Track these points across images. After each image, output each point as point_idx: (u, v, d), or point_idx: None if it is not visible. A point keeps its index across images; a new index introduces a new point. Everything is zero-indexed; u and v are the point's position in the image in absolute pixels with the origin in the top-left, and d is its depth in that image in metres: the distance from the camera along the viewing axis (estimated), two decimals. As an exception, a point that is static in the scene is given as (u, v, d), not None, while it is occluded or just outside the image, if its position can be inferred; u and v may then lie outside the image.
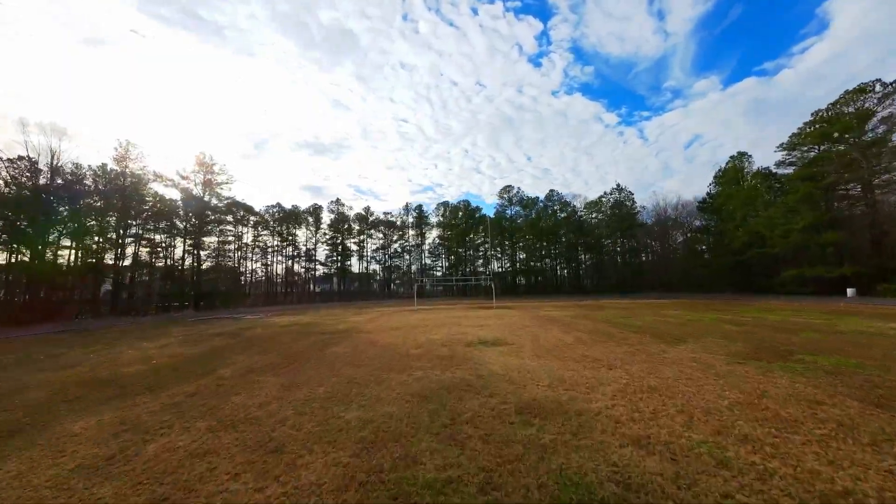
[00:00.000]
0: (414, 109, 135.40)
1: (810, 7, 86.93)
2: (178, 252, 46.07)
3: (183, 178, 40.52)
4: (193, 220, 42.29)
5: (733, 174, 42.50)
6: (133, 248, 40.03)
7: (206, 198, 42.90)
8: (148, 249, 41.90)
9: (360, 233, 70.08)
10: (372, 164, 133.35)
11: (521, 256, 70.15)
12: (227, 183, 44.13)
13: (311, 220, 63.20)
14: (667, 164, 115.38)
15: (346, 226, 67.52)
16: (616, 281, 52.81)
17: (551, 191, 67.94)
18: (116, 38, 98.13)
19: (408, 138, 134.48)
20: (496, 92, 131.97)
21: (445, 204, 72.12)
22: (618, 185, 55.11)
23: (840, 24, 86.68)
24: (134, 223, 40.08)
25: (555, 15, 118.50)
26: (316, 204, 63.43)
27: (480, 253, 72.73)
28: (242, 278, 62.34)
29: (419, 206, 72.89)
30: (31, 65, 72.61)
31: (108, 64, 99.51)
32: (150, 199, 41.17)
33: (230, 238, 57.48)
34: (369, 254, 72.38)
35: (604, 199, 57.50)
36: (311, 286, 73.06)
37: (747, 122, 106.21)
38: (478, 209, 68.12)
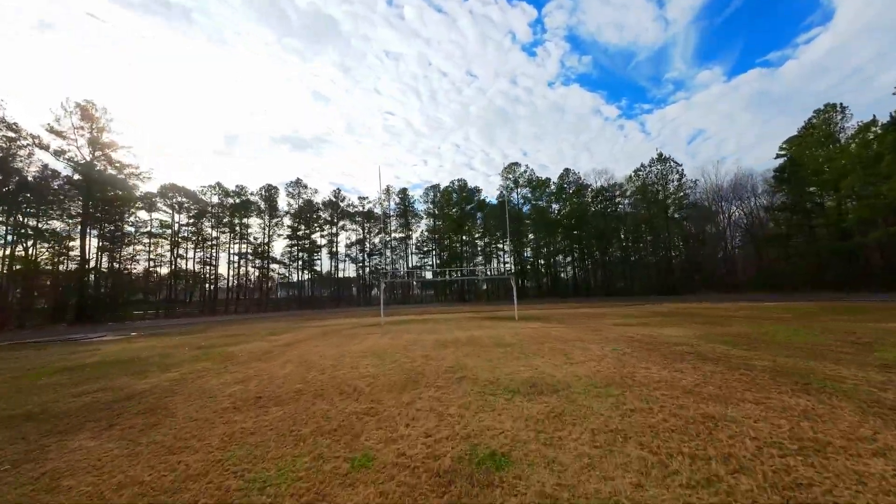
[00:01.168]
0: (401, 102, 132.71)
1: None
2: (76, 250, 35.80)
3: (56, 133, 30.27)
4: (80, 197, 32.13)
5: (824, 132, 33.91)
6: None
7: (98, 166, 32.75)
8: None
9: (330, 223, 60.26)
10: (356, 160, 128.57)
11: (527, 253, 61.08)
12: (127, 148, 34.06)
13: (263, 205, 53.04)
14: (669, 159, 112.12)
15: (312, 214, 57.60)
16: (657, 279, 43.89)
17: (566, 170, 59.14)
18: (70, 21, 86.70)
19: (395, 132, 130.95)
20: (488, 83, 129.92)
21: (436, 188, 62.74)
22: (660, 155, 46.23)
23: (843, 13, 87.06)
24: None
25: (549, 1, 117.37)
26: (269, 184, 53.31)
27: (479, 248, 63.52)
28: (173, 281, 51.93)
29: (403, 191, 63.48)
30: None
31: (60, 51, 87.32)
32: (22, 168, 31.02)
33: (155, 229, 47.25)
34: (343, 250, 62.62)
35: (641, 174, 48.38)
36: (271, 290, 62.93)
37: (751, 116, 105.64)
38: (476, 191, 58.67)
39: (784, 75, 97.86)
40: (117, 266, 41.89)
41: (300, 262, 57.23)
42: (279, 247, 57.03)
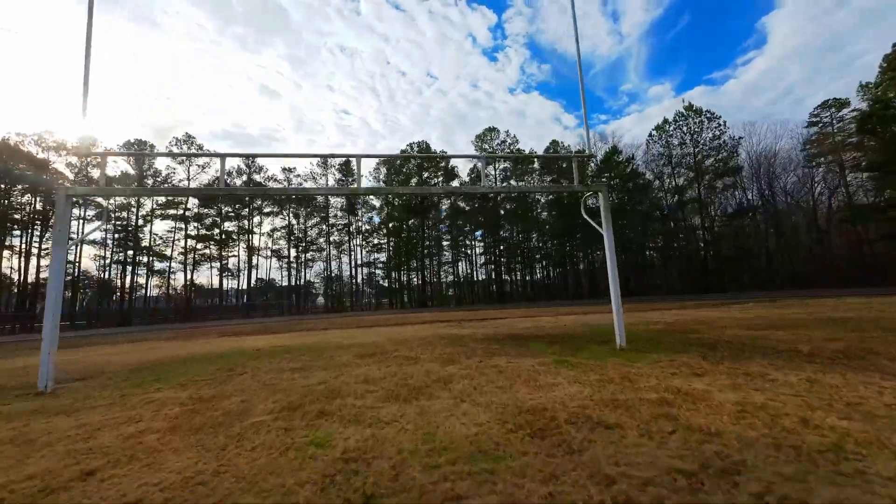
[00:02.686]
0: (357, 100, 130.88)
1: (751, 20, 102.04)
2: None
3: None
4: None
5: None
6: None
7: None
8: None
9: (244, 204, 45.87)
10: (308, 160, 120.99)
11: (502, 248, 50.06)
12: None
13: (131, 171, 37.86)
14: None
15: (212, 185, 42.88)
16: (691, 272, 34.25)
17: (553, 142, 49.70)
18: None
19: (350, 133, 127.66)
20: (449, 85, 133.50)
21: (389, 162, 50.27)
22: (689, 106, 36.72)
23: (776, 38, 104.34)
24: None
25: (509, 7, 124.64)
26: (139, 139, 38.34)
27: (447, 239, 51.76)
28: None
29: (346, 164, 50.48)
30: None
31: None
32: None
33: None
34: (265, 242, 48.32)
35: (664, 132, 38.55)
36: (169, 295, 47.08)
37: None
38: (443, 156, 46.79)
39: (727, 92, 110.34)
40: None
41: (194, 255, 42.41)
42: (159, 228, 41.92)
